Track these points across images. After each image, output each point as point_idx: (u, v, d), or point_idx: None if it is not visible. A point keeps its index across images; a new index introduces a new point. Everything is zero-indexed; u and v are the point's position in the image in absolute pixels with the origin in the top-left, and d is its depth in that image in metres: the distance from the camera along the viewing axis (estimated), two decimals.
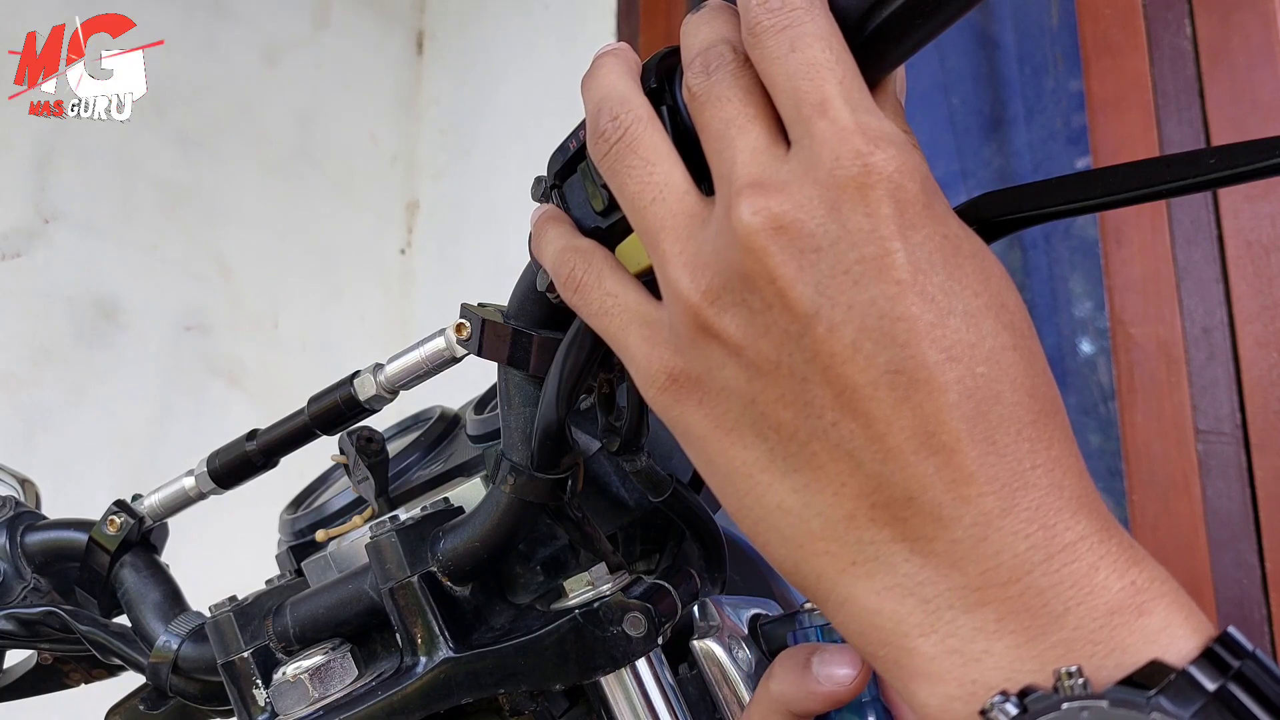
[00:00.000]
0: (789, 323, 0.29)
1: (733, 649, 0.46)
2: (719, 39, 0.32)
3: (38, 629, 0.59)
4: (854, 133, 0.28)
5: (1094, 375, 1.47)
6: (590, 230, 0.37)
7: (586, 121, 0.35)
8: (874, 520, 0.29)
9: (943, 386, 0.27)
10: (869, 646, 0.30)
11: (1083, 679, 0.26)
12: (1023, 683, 0.27)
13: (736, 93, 0.31)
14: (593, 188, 0.36)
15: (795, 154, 0.29)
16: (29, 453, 1.59)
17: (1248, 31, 1.27)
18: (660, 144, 0.33)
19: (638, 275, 0.36)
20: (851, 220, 0.28)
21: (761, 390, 0.30)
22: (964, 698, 0.27)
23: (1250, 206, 1.24)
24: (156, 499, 0.57)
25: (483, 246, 2.11)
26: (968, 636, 0.28)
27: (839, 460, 0.29)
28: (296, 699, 0.47)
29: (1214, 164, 0.32)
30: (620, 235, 0.36)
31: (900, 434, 0.28)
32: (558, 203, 0.38)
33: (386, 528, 0.46)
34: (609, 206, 0.36)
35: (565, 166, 0.38)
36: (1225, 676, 0.25)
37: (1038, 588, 0.27)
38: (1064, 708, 0.25)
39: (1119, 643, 0.26)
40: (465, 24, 2.31)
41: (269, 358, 1.94)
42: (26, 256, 1.64)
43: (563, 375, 0.40)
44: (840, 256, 0.28)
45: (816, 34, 0.30)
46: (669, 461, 0.51)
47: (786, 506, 0.30)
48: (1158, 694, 0.25)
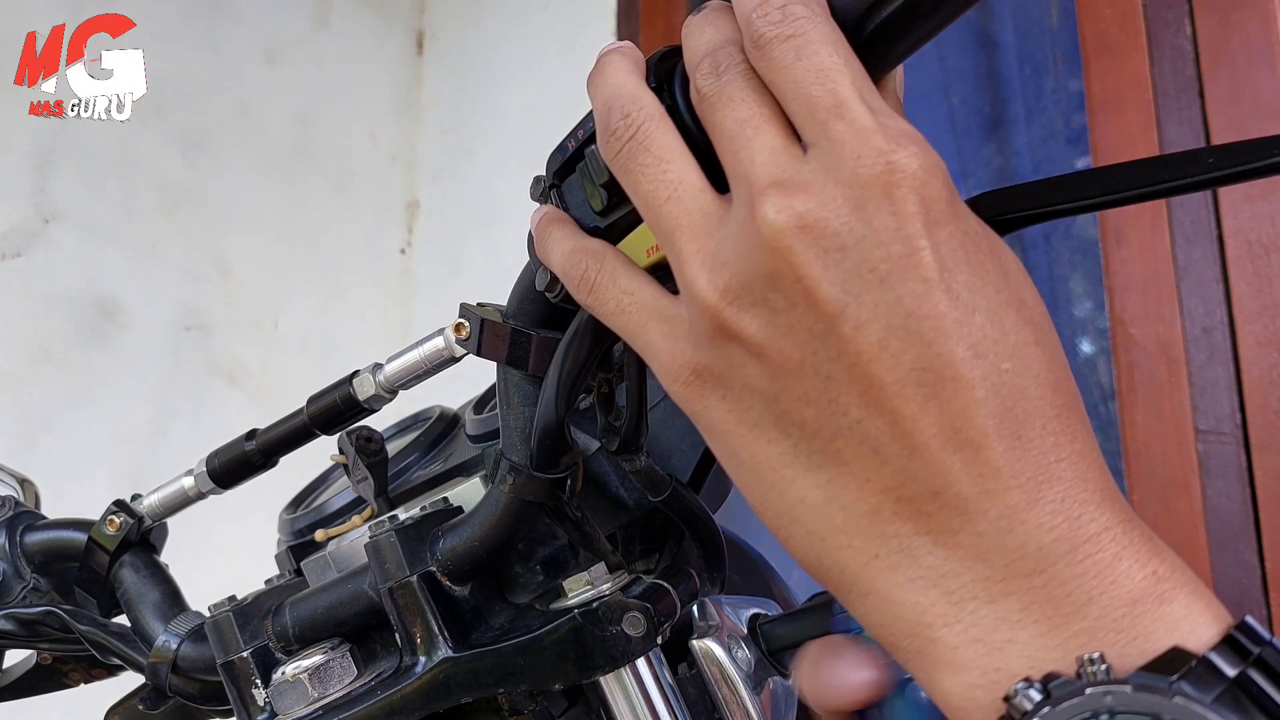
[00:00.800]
0: (814, 321, 0.29)
1: (732, 649, 0.46)
2: (725, 40, 0.32)
3: (37, 629, 0.59)
4: (874, 132, 0.28)
5: (1094, 375, 1.47)
6: (589, 230, 0.37)
7: (596, 120, 0.35)
8: (898, 514, 0.29)
9: (970, 383, 0.28)
10: (892, 637, 0.30)
11: (1105, 665, 0.26)
12: (1046, 670, 0.27)
13: (749, 93, 0.31)
14: (591, 187, 0.36)
15: (814, 155, 0.29)
16: (29, 453, 1.59)
17: (1248, 31, 1.27)
18: (673, 142, 0.33)
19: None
20: (877, 218, 0.28)
21: (785, 388, 0.30)
22: (987, 685, 0.28)
23: (1250, 206, 1.24)
24: (156, 499, 0.57)
25: (483, 246, 2.11)
26: (991, 626, 0.28)
27: (864, 456, 0.29)
28: (296, 699, 0.47)
29: (1214, 163, 0.32)
30: (619, 234, 0.36)
31: (927, 430, 0.28)
32: (556, 202, 0.38)
33: (386, 527, 0.46)
34: (608, 206, 0.36)
35: (564, 166, 0.38)
36: (1245, 663, 0.25)
37: (1061, 578, 0.27)
38: (1087, 692, 0.26)
39: (1141, 630, 0.27)
40: (465, 24, 2.31)
41: (269, 358, 1.95)
42: (26, 256, 1.64)
43: (561, 374, 0.40)
44: (866, 255, 0.28)
45: (822, 40, 0.30)
46: (668, 461, 0.51)
47: (810, 501, 0.30)
48: (1179, 679, 0.25)
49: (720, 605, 0.47)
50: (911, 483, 0.29)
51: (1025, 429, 0.28)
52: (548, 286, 0.39)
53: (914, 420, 0.28)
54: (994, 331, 0.28)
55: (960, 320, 0.28)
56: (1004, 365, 0.28)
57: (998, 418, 0.28)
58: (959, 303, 0.28)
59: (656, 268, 0.35)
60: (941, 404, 0.28)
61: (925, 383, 0.28)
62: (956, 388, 0.28)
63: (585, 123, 0.36)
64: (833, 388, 0.29)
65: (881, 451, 0.29)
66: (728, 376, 0.31)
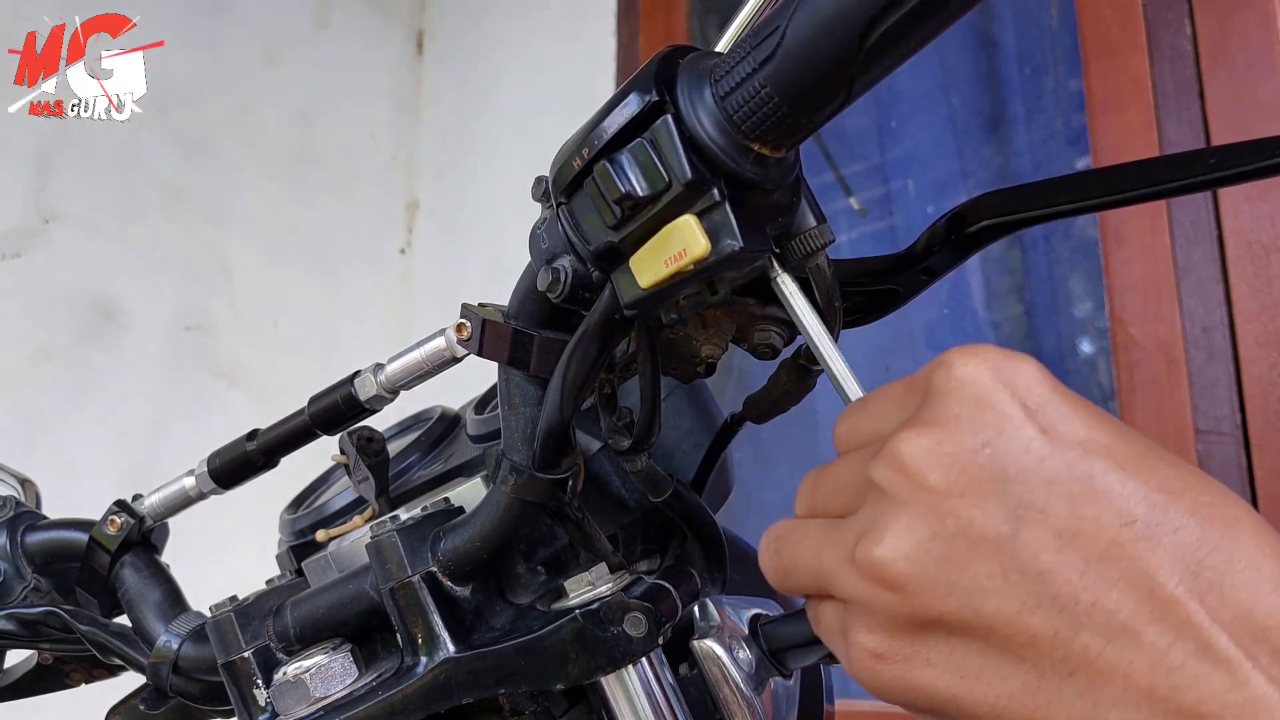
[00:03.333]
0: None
1: (733, 649, 0.46)
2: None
3: (38, 629, 0.59)
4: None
5: (1094, 375, 1.47)
6: (603, 246, 0.37)
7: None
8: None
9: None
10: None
11: None
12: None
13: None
14: (602, 203, 0.36)
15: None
16: (29, 453, 1.59)
17: (1248, 31, 1.27)
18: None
19: (653, 286, 0.36)
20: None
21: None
22: None
23: (1250, 206, 1.24)
24: (157, 499, 0.57)
25: (483, 246, 2.11)
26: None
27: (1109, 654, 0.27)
28: (297, 699, 0.47)
29: (1214, 164, 0.32)
30: (633, 246, 0.36)
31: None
32: (566, 220, 0.38)
33: (387, 527, 0.46)
34: (621, 220, 0.36)
35: (572, 183, 0.37)
36: None
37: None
38: None
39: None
40: (465, 24, 2.31)
41: (269, 358, 1.94)
42: (26, 256, 1.64)
43: (569, 376, 0.40)
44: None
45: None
46: (670, 461, 0.51)
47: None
48: None
49: (721, 605, 0.47)
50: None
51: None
52: (549, 286, 0.39)
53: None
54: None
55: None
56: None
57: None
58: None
59: (674, 278, 0.35)
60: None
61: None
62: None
63: (591, 139, 0.36)
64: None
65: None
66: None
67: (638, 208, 0.35)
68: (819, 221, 0.39)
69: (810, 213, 0.39)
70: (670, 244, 0.34)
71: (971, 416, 0.29)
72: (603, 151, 0.35)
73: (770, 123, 0.33)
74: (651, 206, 0.35)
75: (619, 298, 0.37)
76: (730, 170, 0.34)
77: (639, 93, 0.35)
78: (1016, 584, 0.28)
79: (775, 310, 0.43)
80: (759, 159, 0.34)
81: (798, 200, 0.38)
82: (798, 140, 0.35)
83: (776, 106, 0.32)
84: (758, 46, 0.33)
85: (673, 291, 0.36)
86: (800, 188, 0.38)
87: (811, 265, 0.39)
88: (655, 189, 0.34)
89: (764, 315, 0.44)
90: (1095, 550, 0.27)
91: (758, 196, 0.35)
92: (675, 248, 0.34)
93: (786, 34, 0.31)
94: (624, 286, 0.37)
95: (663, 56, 0.35)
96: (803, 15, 0.31)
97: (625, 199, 0.35)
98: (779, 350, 0.45)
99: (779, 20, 0.32)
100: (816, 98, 0.32)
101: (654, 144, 0.34)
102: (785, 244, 0.38)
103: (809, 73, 0.31)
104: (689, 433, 0.51)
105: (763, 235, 0.36)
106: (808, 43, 0.31)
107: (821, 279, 0.39)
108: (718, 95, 0.34)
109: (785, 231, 0.38)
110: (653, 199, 0.34)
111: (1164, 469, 0.28)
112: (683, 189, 0.34)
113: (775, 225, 0.37)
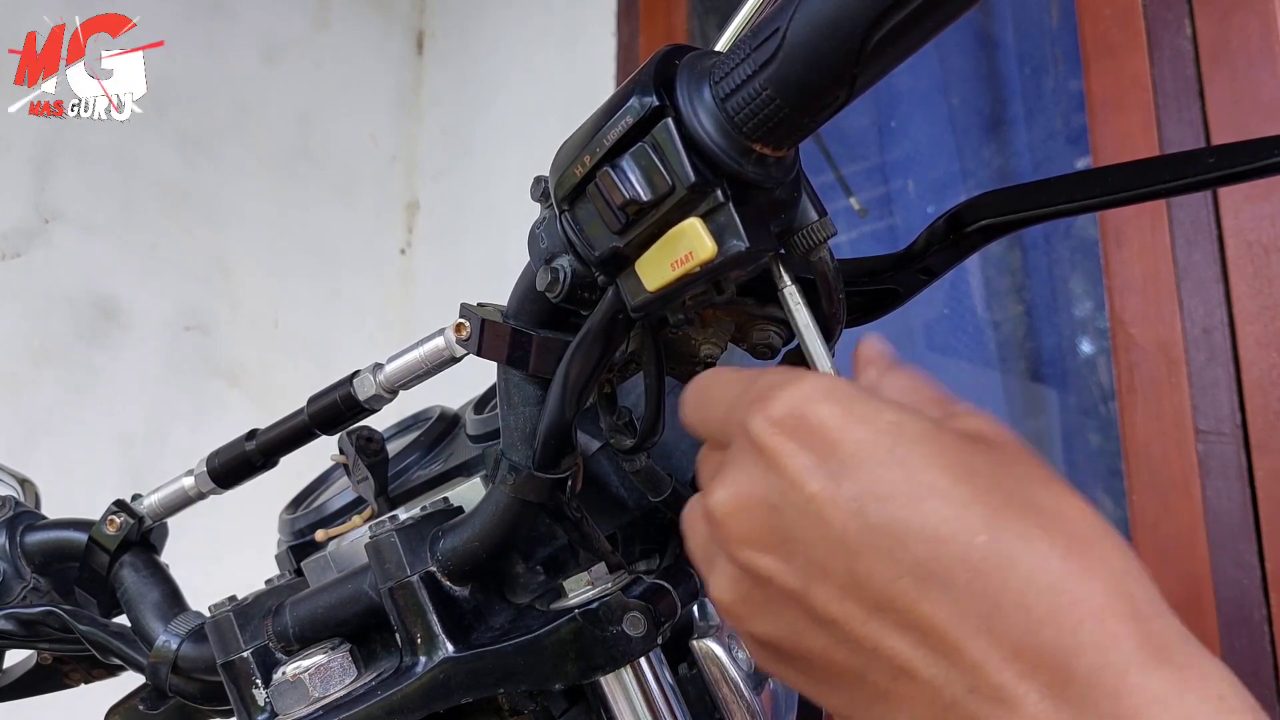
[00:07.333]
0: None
1: (733, 648, 0.46)
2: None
3: (38, 629, 0.59)
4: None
5: (1094, 375, 1.47)
6: (608, 251, 0.37)
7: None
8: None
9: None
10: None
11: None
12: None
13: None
14: (606, 209, 0.36)
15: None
16: (29, 453, 1.59)
17: (1248, 31, 1.27)
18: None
19: (661, 289, 0.36)
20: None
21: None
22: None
23: (1250, 206, 1.24)
24: (156, 499, 0.57)
25: (483, 246, 2.11)
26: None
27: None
28: (296, 699, 0.47)
29: (1214, 164, 0.32)
30: (638, 250, 0.36)
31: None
32: (569, 226, 0.38)
33: (386, 527, 0.46)
34: (626, 225, 0.36)
35: (575, 189, 0.37)
36: None
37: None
38: None
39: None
40: (465, 24, 2.31)
41: (269, 358, 1.94)
42: (26, 256, 1.64)
43: (571, 376, 0.40)
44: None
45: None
46: (668, 461, 0.51)
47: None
48: None
49: None
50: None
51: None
52: (548, 286, 0.39)
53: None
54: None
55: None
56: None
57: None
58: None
59: (682, 280, 0.35)
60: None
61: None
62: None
63: (592, 145, 0.36)
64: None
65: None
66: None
67: (642, 212, 0.35)
68: (820, 215, 0.39)
69: (811, 207, 0.39)
70: (676, 247, 0.35)
71: (762, 478, 0.31)
72: (605, 157, 0.35)
73: (772, 124, 0.33)
74: (655, 210, 0.35)
75: (626, 301, 0.37)
76: (733, 171, 0.34)
77: (639, 96, 0.34)
78: (820, 629, 0.31)
79: (774, 309, 0.43)
80: (760, 159, 0.34)
81: (799, 196, 0.38)
82: (799, 139, 0.35)
83: (779, 108, 0.32)
84: (758, 48, 0.32)
85: (680, 293, 0.36)
86: (800, 183, 0.38)
87: (815, 258, 0.39)
88: (659, 193, 0.34)
89: (763, 314, 0.44)
90: (872, 601, 0.29)
91: (760, 195, 0.35)
92: (681, 250, 0.35)
93: (787, 35, 0.31)
94: (631, 290, 0.37)
95: (661, 57, 0.35)
96: (803, 16, 0.31)
97: (629, 204, 0.35)
98: (778, 349, 0.45)
99: (779, 21, 0.32)
100: (818, 98, 0.32)
101: (656, 148, 0.34)
102: (788, 239, 0.38)
103: (811, 74, 0.31)
104: (688, 432, 0.51)
105: (767, 233, 0.36)
106: (809, 44, 0.31)
107: (825, 271, 0.40)
108: (718, 97, 0.34)
109: (788, 227, 0.38)
110: (656, 203, 0.34)
111: (944, 509, 0.29)
112: (686, 192, 0.34)
113: (778, 222, 0.37)
